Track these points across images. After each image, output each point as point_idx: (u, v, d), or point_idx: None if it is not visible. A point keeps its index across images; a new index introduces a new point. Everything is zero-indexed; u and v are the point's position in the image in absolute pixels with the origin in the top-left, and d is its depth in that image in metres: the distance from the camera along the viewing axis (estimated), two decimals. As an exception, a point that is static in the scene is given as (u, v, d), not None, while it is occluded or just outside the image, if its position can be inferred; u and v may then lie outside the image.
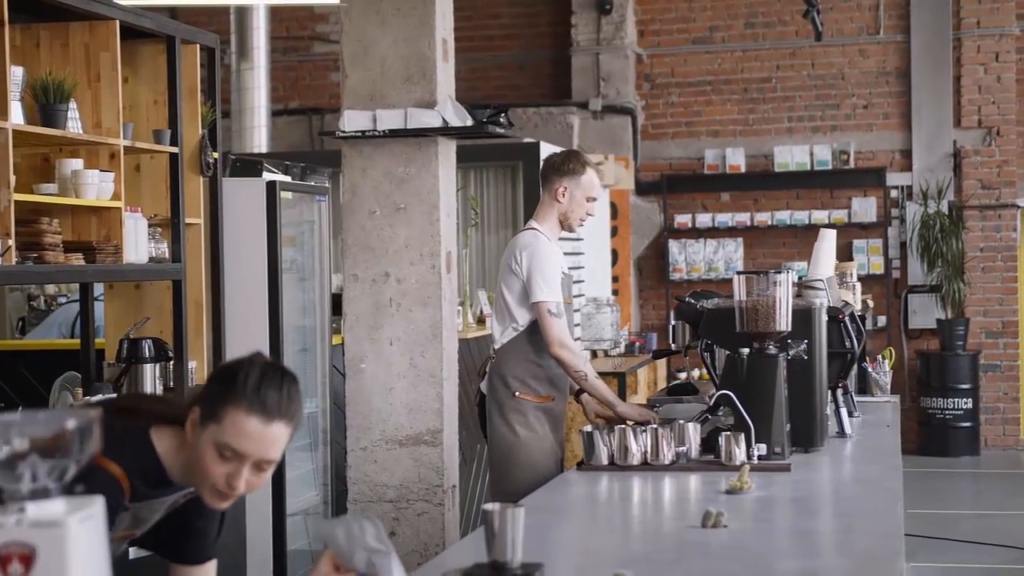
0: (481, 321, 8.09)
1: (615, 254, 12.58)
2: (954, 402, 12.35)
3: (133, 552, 4.76)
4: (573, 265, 10.33)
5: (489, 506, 2.79)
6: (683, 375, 12.43)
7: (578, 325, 9.92)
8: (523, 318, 5.24)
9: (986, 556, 8.41)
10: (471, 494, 7.63)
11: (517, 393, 5.26)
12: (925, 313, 12.71)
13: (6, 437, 1.78)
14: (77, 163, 5.10)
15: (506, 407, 5.28)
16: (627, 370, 9.38)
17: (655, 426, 4.40)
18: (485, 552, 2.77)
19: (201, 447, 2.64)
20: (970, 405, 12.38)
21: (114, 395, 5.21)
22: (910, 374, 12.80)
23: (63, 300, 8.38)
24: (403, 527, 5.76)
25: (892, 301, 12.80)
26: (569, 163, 5.37)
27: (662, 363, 11.32)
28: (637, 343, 11.19)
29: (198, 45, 5.97)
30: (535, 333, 5.22)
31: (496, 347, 5.37)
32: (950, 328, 12.41)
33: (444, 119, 5.94)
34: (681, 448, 4.34)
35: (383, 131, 5.90)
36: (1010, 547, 8.55)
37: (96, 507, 1.80)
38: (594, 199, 5.40)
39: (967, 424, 12.39)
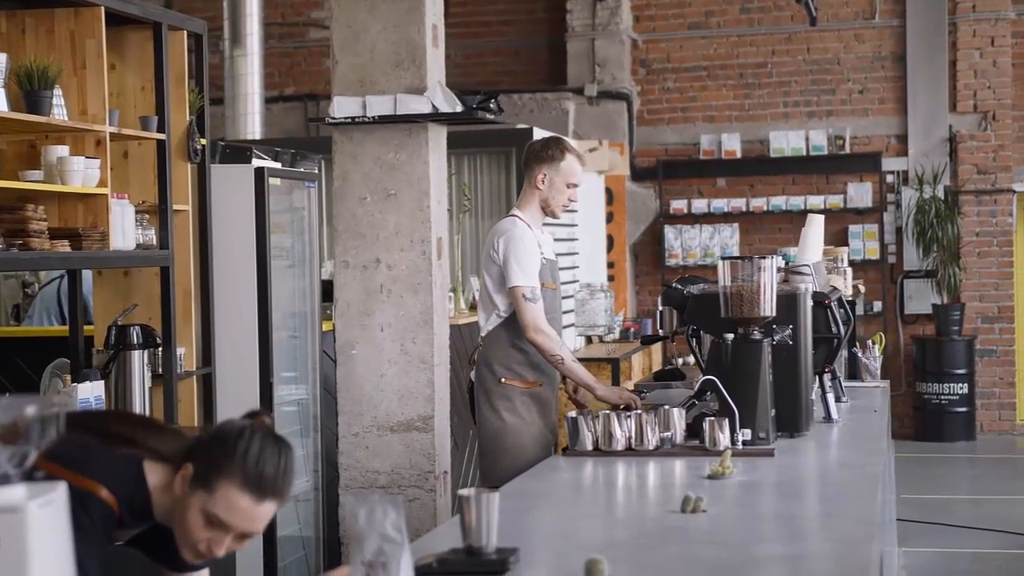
0: (473, 307, 8.09)
1: (611, 240, 12.58)
2: (950, 387, 12.36)
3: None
4: (568, 251, 10.35)
5: (464, 492, 2.80)
6: (679, 361, 12.45)
7: (571, 311, 9.94)
8: (505, 305, 5.26)
9: (981, 541, 8.42)
10: (463, 480, 7.64)
11: (503, 379, 5.27)
12: (921, 298, 12.71)
13: (-34, 424, 1.78)
14: (63, 150, 5.09)
15: (493, 393, 5.30)
16: (621, 356, 9.38)
17: (639, 411, 4.40)
18: (460, 537, 2.79)
19: (189, 508, 2.65)
20: (966, 390, 12.39)
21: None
22: (906, 359, 12.81)
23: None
24: (394, 513, 5.77)
25: (888, 286, 12.80)
26: (548, 150, 5.37)
27: (657, 349, 11.33)
28: (632, 329, 11.19)
29: (185, 32, 5.96)
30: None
31: (482, 335, 5.39)
32: (946, 313, 12.41)
33: (434, 105, 5.94)
34: (666, 434, 4.35)
35: (373, 117, 5.89)
36: (1005, 532, 8.56)
37: (57, 492, 1.81)
38: (575, 185, 5.38)
39: (963, 409, 12.40)
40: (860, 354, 6.53)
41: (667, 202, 13.11)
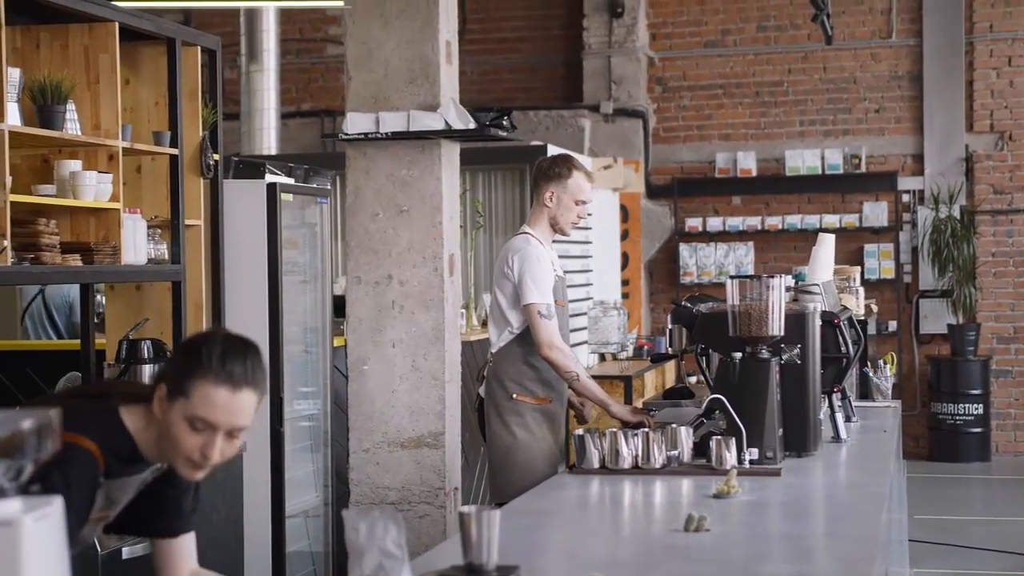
0: (485, 324, 8.09)
1: (626, 257, 12.58)
2: (965, 407, 12.31)
3: (127, 552, 4.79)
4: (581, 268, 10.35)
5: (465, 509, 2.80)
6: (693, 379, 12.42)
7: (584, 328, 9.93)
8: (517, 321, 5.27)
9: (994, 562, 8.38)
10: (473, 496, 7.64)
11: (515, 395, 5.29)
12: (936, 318, 12.67)
13: (-38, 437, 1.79)
14: (75, 164, 5.12)
15: (504, 409, 5.31)
16: (634, 373, 9.37)
17: (647, 429, 4.40)
18: (461, 555, 2.79)
19: (172, 421, 2.72)
20: (981, 411, 12.34)
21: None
22: (921, 379, 12.77)
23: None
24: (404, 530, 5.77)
25: (903, 306, 12.76)
26: (555, 167, 5.41)
27: (671, 367, 11.30)
28: (646, 347, 11.17)
29: (199, 47, 5.99)
30: (530, 336, 5.25)
31: (493, 351, 5.42)
32: (961, 333, 12.37)
33: (446, 122, 5.95)
34: (673, 452, 4.34)
35: (386, 133, 5.91)
36: (1019, 554, 8.52)
37: (53, 507, 1.81)
38: (583, 202, 5.41)
39: (978, 430, 12.35)
40: (872, 374, 6.51)
41: (682, 220, 13.11)
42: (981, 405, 12.33)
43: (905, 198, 12.83)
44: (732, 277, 4.51)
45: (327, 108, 13.56)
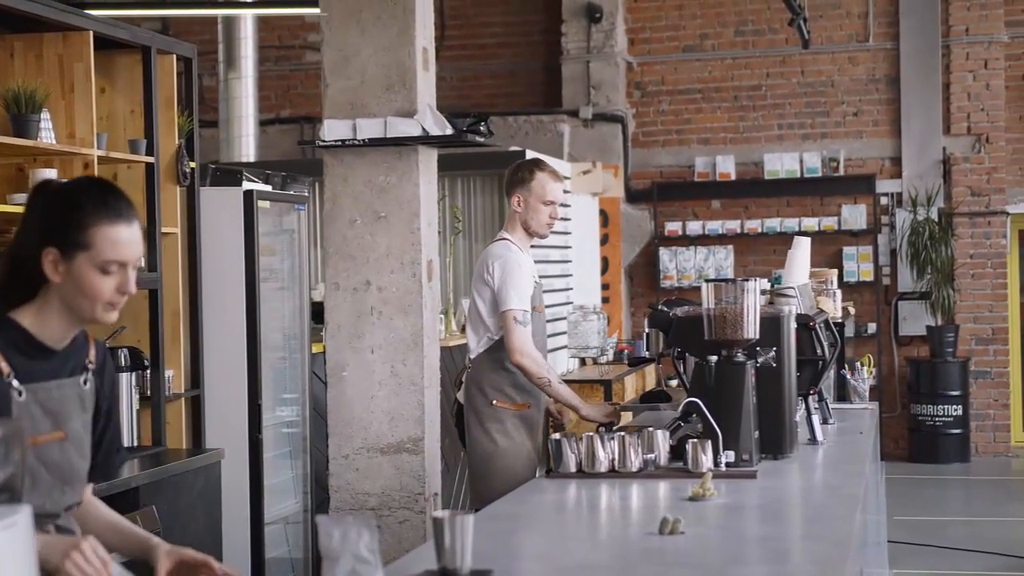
0: (464, 329, 8.10)
1: (606, 262, 12.60)
2: (944, 409, 12.36)
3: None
4: (561, 273, 10.37)
5: (438, 514, 2.81)
6: (674, 383, 12.44)
7: (563, 333, 9.94)
8: (496, 327, 5.30)
9: (974, 563, 8.41)
10: (453, 502, 7.65)
11: (495, 402, 5.32)
12: (915, 320, 12.72)
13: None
14: (51, 173, 5.12)
15: (484, 415, 5.34)
16: (614, 378, 9.38)
17: (622, 433, 4.40)
18: (435, 559, 2.80)
19: (80, 276, 2.72)
20: (960, 412, 12.39)
21: None
22: (900, 381, 12.82)
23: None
24: (385, 535, 5.77)
25: (882, 308, 12.81)
26: (519, 172, 5.47)
27: (651, 371, 11.33)
28: (627, 351, 11.18)
29: (175, 55, 5.99)
30: None
31: (471, 356, 5.45)
32: (940, 335, 12.41)
33: (424, 128, 5.96)
34: (650, 455, 4.35)
35: (363, 140, 5.91)
36: (999, 554, 8.56)
37: (21, 515, 1.82)
38: (551, 203, 5.43)
39: (957, 431, 12.40)
40: (849, 376, 6.53)
41: (662, 224, 13.13)
42: (960, 406, 12.38)
43: (883, 201, 12.87)
44: (707, 281, 4.52)
45: (306, 115, 13.56)
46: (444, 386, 6.42)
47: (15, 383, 2.72)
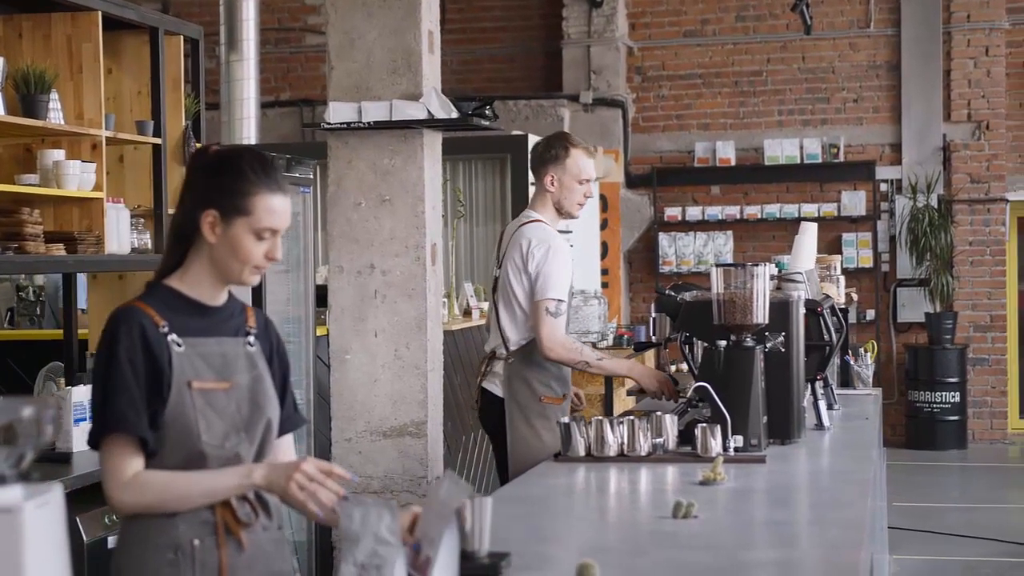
0: (467, 313, 8.11)
1: (605, 247, 12.60)
2: (942, 395, 12.38)
3: (112, 541, 4.78)
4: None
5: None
6: (672, 368, 12.45)
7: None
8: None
9: (972, 549, 8.44)
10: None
11: (543, 398, 5.18)
12: (914, 307, 12.74)
13: (-38, 425, 1.79)
14: (59, 154, 5.11)
15: (531, 412, 5.19)
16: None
17: (631, 417, 4.40)
18: (453, 541, 2.80)
19: (235, 239, 2.85)
20: (958, 399, 12.41)
21: None
22: (898, 367, 12.84)
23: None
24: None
25: (881, 295, 12.83)
26: (551, 149, 5.24)
27: (650, 355, 11.34)
28: (626, 336, 11.19)
29: (182, 36, 5.98)
30: None
31: (510, 347, 5.25)
32: (938, 322, 12.43)
33: (429, 111, 5.95)
34: (658, 440, 4.36)
35: (368, 123, 5.90)
36: (995, 540, 8.58)
37: (53, 494, 1.82)
38: (586, 180, 5.23)
39: (955, 418, 12.43)
40: (852, 362, 6.55)
41: (661, 209, 13.13)
42: (958, 393, 12.40)
43: (883, 187, 12.88)
44: (717, 265, 4.51)
45: (306, 98, 13.54)
46: (447, 370, 6.41)
47: (173, 336, 2.83)
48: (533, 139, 10.02)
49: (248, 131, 11.15)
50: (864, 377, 6.49)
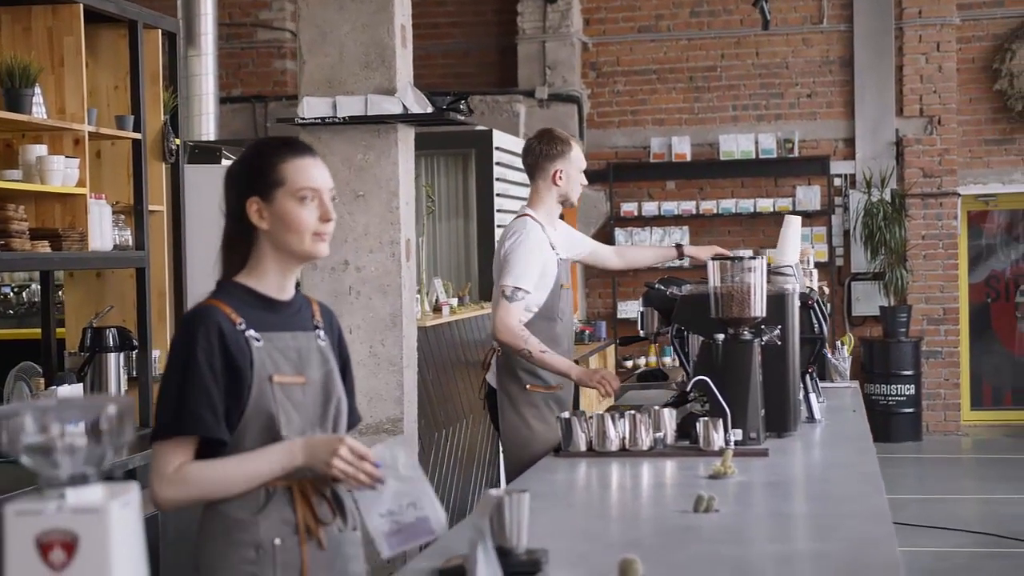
0: (437, 309, 8.06)
1: (561, 242, 12.58)
2: (897, 388, 12.49)
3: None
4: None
5: (495, 492, 2.78)
6: (642, 361, 12.48)
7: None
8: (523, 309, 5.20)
9: (927, 539, 8.52)
10: (431, 483, 7.60)
11: (529, 386, 5.25)
12: (868, 300, 12.84)
13: (43, 423, 1.75)
14: (41, 149, 5.02)
15: (518, 401, 5.27)
16: (577, 359, 9.38)
17: (633, 412, 4.39)
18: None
19: (283, 212, 2.86)
20: (912, 391, 12.53)
21: None
22: (853, 361, 12.89)
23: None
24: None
25: (836, 288, 12.91)
26: (556, 145, 5.39)
27: (611, 351, 11.36)
28: (587, 331, 11.20)
29: (160, 30, 5.89)
30: (541, 322, 5.20)
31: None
32: (893, 315, 12.54)
33: (404, 106, 5.93)
34: (658, 434, 4.35)
35: (344, 118, 5.86)
36: (953, 529, 8.68)
37: (133, 494, 1.78)
38: (583, 168, 5.50)
39: (909, 410, 12.55)
40: (830, 355, 6.58)
41: (617, 204, 13.15)
42: (913, 386, 12.52)
43: (837, 182, 12.97)
44: (714, 259, 4.51)
45: (259, 93, 13.41)
46: (420, 367, 6.38)
47: (251, 332, 2.83)
48: (498, 135, 10.00)
49: (207, 127, 11.08)
50: (841, 370, 6.53)
